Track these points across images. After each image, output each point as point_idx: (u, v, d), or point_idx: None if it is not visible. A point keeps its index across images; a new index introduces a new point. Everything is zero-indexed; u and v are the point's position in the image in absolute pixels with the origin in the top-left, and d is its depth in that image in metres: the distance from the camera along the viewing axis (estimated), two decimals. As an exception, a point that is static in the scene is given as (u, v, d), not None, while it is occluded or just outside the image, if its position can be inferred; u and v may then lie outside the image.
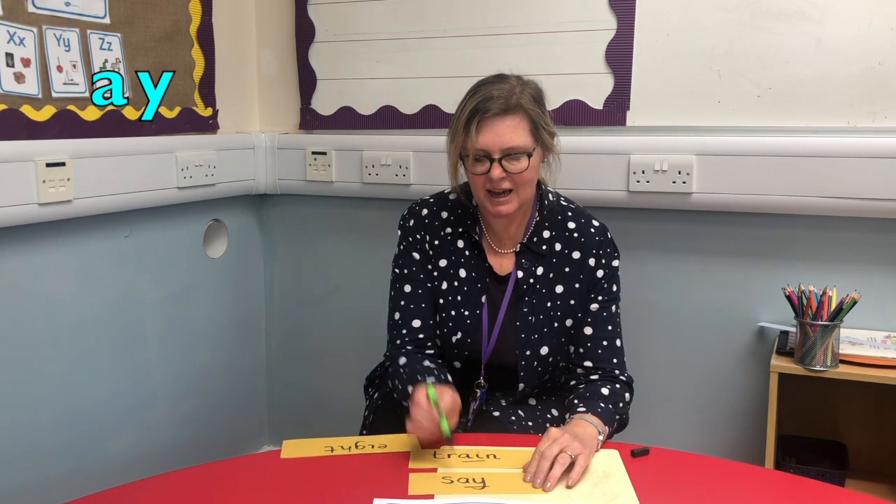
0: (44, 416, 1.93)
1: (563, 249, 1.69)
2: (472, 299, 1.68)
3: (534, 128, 1.58)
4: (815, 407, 2.02)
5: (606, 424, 1.50)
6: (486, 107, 1.54)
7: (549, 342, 1.66)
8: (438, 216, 1.73)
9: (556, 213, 1.71)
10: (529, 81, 1.63)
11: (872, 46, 1.87)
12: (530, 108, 1.57)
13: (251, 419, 2.64)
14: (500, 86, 1.58)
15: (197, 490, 1.30)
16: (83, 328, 2.01)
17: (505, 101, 1.55)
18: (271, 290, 2.64)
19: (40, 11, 1.83)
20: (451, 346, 1.69)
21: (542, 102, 1.62)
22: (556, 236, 1.69)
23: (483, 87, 1.58)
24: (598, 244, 1.69)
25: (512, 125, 1.55)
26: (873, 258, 1.93)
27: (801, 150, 1.90)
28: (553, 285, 1.67)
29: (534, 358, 1.66)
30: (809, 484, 1.32)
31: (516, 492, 1.27)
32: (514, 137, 1.55)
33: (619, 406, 1.58)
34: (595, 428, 1.46)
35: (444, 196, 1.76)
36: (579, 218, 1.71)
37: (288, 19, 2.47)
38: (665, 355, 2.15)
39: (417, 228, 1.73)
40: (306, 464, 1.39)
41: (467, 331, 1.68)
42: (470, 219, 1.72)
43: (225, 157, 2.35)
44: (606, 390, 1.59)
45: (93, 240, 2.02)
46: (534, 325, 1.66)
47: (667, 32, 2.04)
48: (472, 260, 1.70)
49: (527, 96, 1.58)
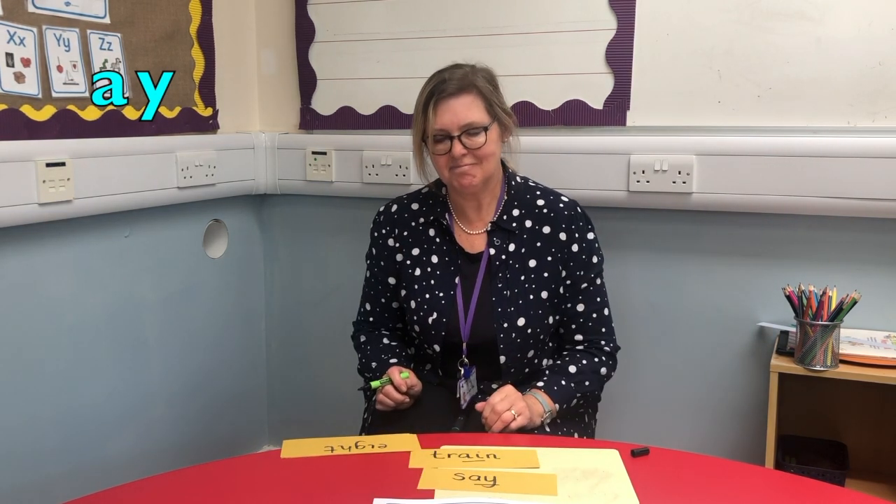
0: (44, 416, 1.93)
1: (534, 225, 1.75)
2: (445, 281, 1.76)
3: (488, 105, 1.69)
4: (815, 407, 2.02)
5: (557, 402, 1.65)
6: (441, 88, 1.67)
7: (525, 314, 1.72)
8: (409, 209, 1.84)
9: (524, 193, 1.80)
10: (483, 68, 1.75)
11: (872, 46, 1.87)
12: (483, 87, 1.69)
13: (251, 419, 2.64)
14: (453, 70, 1.71)
15: (197, 490, 1.30)
16: (83, 328, 2.01)
17: (459, 82, 1.68)
18: (271, 290, 2.64)
19: (40, 11, 1.83)
20: (429, 327, 1.75)
21: (496, 84, 1.74)
22: (526, 213, 1.77)
23: (438, 74, 1.72)
24: (569, 218, 1.75)
25: (467, 102, 1.67)
26: (873, 258, 1.93)
27: (801, 150, 1.90)
28: (526, 260, 1.74)
29: (511, 330, 1.71)
30: (809, 484, 1.32)
31: (525, 492, 1.26)
32: (469, 114, 1.67)
33: (585, 384, 1.71)
34: (542, 406, 1.62)
35: (418, 191, 1.88)
36: (548, 195, 1.79)
37: (288, 19, 2.47)
38: (665, 355, 2.15)
39: (383, 224, 1.86)
40: (306, 464, 1.39)
41: (442, 311, 1.74)
42: (439, 206, 1.82)
43: (225, 157, 2.35)
44: (574, 368, 1.71)
45: (93, 240, 2.02)
46: (509, 298, 1.72)
47: (667, 32, 2.04)
48: (444, 245, 1.79)
49: (479, 76, 1.71)
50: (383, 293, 1.87)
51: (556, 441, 1.55)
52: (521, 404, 1.56)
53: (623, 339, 1.84)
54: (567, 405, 1.68)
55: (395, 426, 1.60)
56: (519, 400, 1.57)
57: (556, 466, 1.34)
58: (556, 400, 1.65)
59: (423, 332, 1.77)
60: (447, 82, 1.67)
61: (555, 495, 1.25)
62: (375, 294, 1.88)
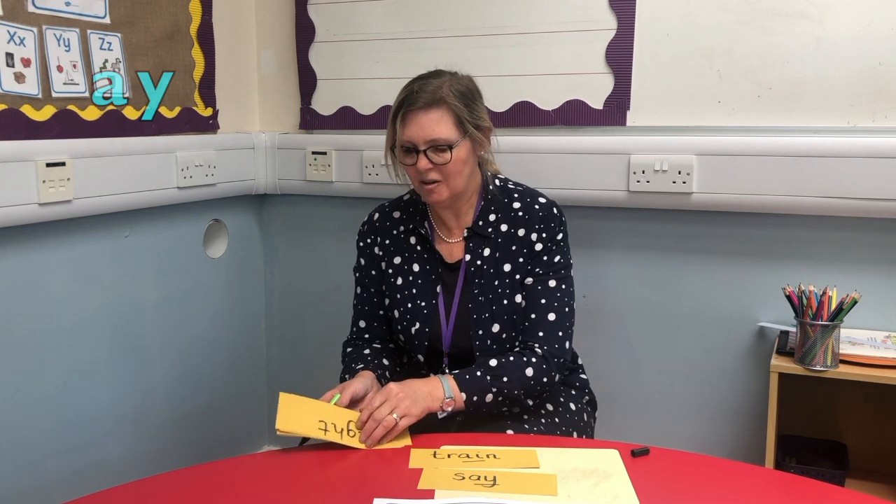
0: (44, 416, 1.93)
1: (510, 229, 1.74)
2: (426, 290, 1.75)
3: (458, 122, 1.65)
4: (815, 407, 2.02)
5: (463, 391, 1.57)
6: (410, 100, 1.64)
7: (499, 319, 1.70)
8: (390, 217, 1.82)
9: (501, 197, 1.77)
10: (464, 77, 1.72)
11: (872, 46, 1.87)
12: (453, 103, 1.65)
13: (251, 419, 2.64)
14: (430, 80, 1.67)
15: (197, 490, 1.30)
16: (83, 328, 2.01)
17: (429, 95, 1.64)
18: (271, 290, 2.64)
19: (40, 11, 1.83)
20: (412, 337, 1.74)
21: (472, 98, 1.70)
22: (502, 217, 1.75)
23: (414, 83, 1.68)
24: (541, 219, 1.73)
25: (435, 118, 1.64)
26: (873, 258, 1.93)
27: (801, 150, 1.90)
28: (500, 265, 1.72)
29: (486, 336, 1.70)
30: (809, 484, 1.32)
31: (525, 492, 1.26)
32: (436, 130, 1.63)
33: (503, 380, 1.60)
34: (443, 392, 1.55)
35: (400, 198, 1.86)
36: (525, 198, 1.76)
37: (288, 19, 2.47)
38: (665, 355, 2.15)
39: (368, 233, 1.83)
40: (306, 464, 1.39)
41: (424, 320, 1.73)
42: (419, 214, 1.80)
43: (225, 157, 2.35)
44: (495, 362, 1.63)
45: (93, 240, 2.02)
46: (483, 304, 1.71)
47: (667, 32, 2.04)
48: (425, 254, 1.77)
49: (453, 91, 1.66)
50: (378, 305, 1.81)
51: (556, 441, 1.55)
52: (404, 404, 1.48)
53: (623, 339, 1.84)
54: (479, 398, 1.58)
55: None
56: (403, 399, 1.48)
57: (556, 466, 1.34)
58: (462, 388, 1.56)
59: (407, 342, 1.77)
60: (417, 94, 1.63)
61: (555, 495, 1.25)
62: (370, 308, 1.82)
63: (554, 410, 1.72)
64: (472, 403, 1.58)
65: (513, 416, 1.66)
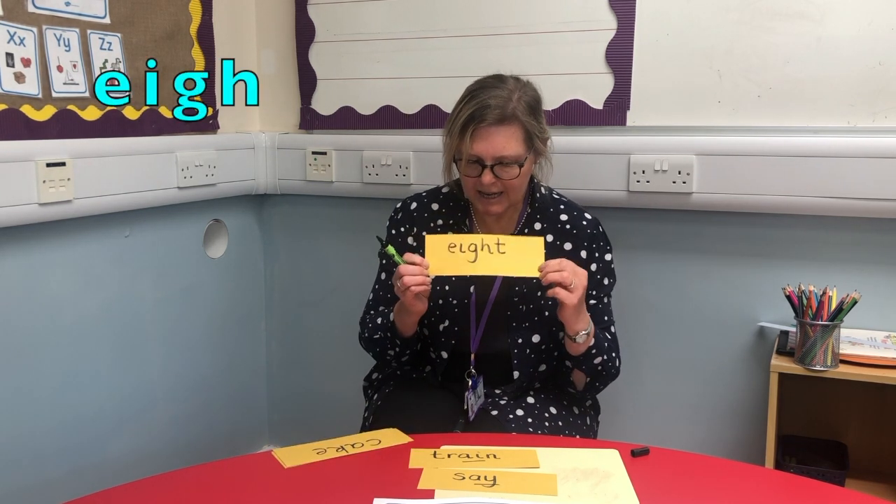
0: (44, 416, 1.93)
1: (556, 241, 1.72)
2: (459, 288, 1.72)
3: (527, 137, 1.61)
4: (815, 407, 2.02)
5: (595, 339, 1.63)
6: (481, 115, 1.58)
7: (540, 330, 1.70)
8: (429, 208, 1.78)
9: (548, 206, 1.75)
10: (527, 85, 1.66)
11: (872, 46, 1.87)
12: (525, 120, 1.60)
13: (251, 419, 2.64)
14: (496, 92, 1.60)
15: (197, 490, 1.30)
16: (83, 328, 2.01)
17: (501, 112, 1.58)
18: (271, 290, 2.64)
19: (40, 11, 1.83)
20: (439, 334, 1.73)
21: (538, 109, 1.66)
22: (548, 228, 1.73)
23: (480, 93, 1.61)
24: (591, 237, 1.72)
25: (506, 135, 1.59)
26: (873, 258, 1.93)
27: (801, 150, 1.90)
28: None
29: (526, 346, 1.69)
30: (809, 484, 1.32)
31: (525, 492, 1.26)
32: (507, 147, 1.59)
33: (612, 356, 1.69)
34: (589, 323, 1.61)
35: (437, 190, 1.82)
36: (572, 211, 1.76)
37: (288, 19, 2.47)
38: (665, 355, 2.15)
39: (403, 221, 1.79)
40: (306, 464, 1.39)
41: (455, 319, 1.71)
42: (461, 211, 1.77)
43: (225, 157, 2.35)
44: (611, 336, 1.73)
45: (93, 240, 2.02)
46: (525, 313, 1.70)
47: (667, 32, 2.04)
48: None
49: (522, 105, 1.61)
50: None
51: (556, 441, 1.56)
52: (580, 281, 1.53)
53: (623, 339, 1.83)
54: (595, 352, 1.63)
55: (395, 426, 1.59)
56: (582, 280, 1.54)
57: (556, 466, 1.34)
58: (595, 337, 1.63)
59: (432, 337, 1.75)
60: (489, 110, 1.57)
61: (555, 495, 1.25)
62: (392, 296, 1.72)
63: (557, 414, 1.72)
64: (588, 353, 1.62)
65: (517, 420, 1.66)
